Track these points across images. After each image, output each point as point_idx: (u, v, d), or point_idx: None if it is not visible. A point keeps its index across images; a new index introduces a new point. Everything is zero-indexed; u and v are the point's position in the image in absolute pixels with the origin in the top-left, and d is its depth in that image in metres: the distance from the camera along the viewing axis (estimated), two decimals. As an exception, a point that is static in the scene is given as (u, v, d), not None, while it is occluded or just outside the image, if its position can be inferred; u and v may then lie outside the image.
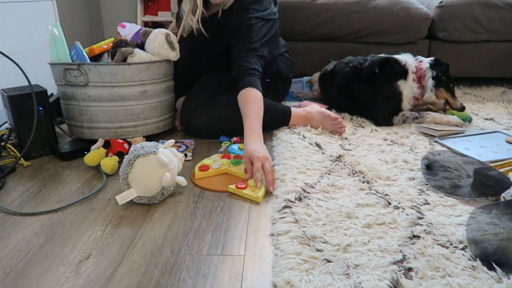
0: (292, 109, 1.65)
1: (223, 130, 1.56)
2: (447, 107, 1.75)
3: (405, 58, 1.74)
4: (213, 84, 1.61)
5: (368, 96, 1.73)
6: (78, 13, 2.70)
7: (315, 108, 1.66)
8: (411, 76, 1.69)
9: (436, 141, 1.49)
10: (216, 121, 1.54)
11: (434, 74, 1.68)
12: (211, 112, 1.53)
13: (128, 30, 1.58)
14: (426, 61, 1.72)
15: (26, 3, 1.73)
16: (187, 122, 1.58)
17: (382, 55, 1.77)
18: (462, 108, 1.71)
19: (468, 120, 1.67)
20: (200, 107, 1.53)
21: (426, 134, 1.56)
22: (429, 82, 1.69)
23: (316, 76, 2.17)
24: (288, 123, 1.63)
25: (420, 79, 1.69)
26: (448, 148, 1.42)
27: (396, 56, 1.74)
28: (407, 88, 1.69)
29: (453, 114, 1.69)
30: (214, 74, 1.67)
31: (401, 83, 1.68)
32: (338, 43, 2.24)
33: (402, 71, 1.69)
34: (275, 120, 1.62)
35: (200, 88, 1.60)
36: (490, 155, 1.34)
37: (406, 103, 1.70)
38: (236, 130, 1.56)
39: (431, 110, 1.77)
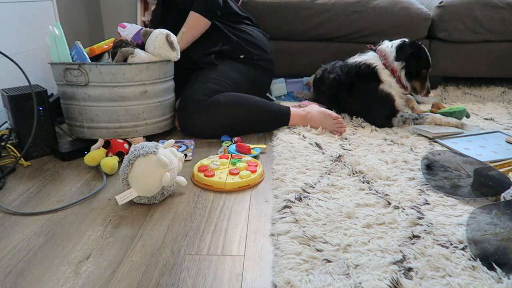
0: (292, 109, 1.65)
1: (222, 130, 1.56)
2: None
3: (372, 59, 1.70)
4: (202, 84, 1.59)
5: (356, 104, 1.73)
6: (78, 13, 2.70)
7: (315, 108, 1.66)
8: (385, 74, 1.67)
9: (436, 141, 1.49)
10: (215, 122, 1.54)
11: (404, 65, 1.65)
12: (209, 113, 1.53)
13: (129, 31, 1.58)
14: (390, 53, 1.68)
15: (26, 3, 1.73)
16: (185, 124, 1.58)
17: (353, 59, 1.75)
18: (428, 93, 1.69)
19: (465, 114, 1.65)
20: (197, 109, 1.53)
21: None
22: (403, 76, 1.66)
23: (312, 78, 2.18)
24: (287, 123, 1.63)
25: (393, 72, 1.67)
26: (448, 148, 1.42)
27: (363, 60, 1.71)
28: (391, 87, 1.67)
29: (450, 113, 1.65)
30: (198, 74, 1.67)
31: (383, 86, 1.67)
32: (338, 43, 2.24)
33: (377, 75, 1.67)
34: (275, 120, 1.62)
35: (191, 90, 1.58)
36: (490, 155, 1.34)
37: (399, 100, 1.68)
38: (236, 130, 1.57)
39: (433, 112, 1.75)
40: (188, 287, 0.80)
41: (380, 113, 1.68)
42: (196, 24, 1.66)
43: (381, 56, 1.70)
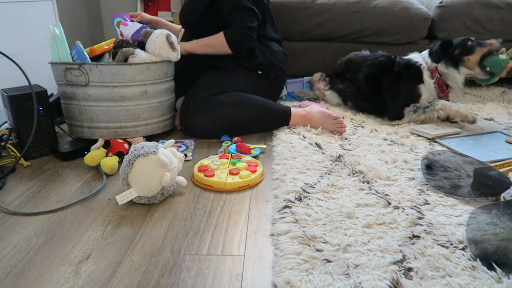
0: (292, 109, 1.65)
1: (223, 130, 1.56)
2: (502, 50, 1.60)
3: (420, 59, 1.73)
4: (211, 84, 1.61)
5: (391, 90, 1.73)
6: (78, 13, 2.70)
7: (315, 108, 1.66)
8: (428, 80, 1.69)
9: (436, 141, 1.48)
10: (216, 122, 1.54)
11: (444, 60, 1.66)
12: (210, 113, 1.53)
13: (130, 29, 1.58)
14: (429, 59, 1.70)
15: (26, 3, 1.73)
16: (186, 123, 1.58)
17: (412, 55, 1.77)
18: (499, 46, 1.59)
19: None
20: (199, 108, 1.53)
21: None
22: (450, 72, 1.66)
23: (316, 76, 2.17)
24: (288, 123, 1.63)
25: (438, 82, 1.69)
26: (448, 148, 1.41)
27: (416, 59, 1.74)
28: (426, 92, 1.69)
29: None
30: (211, 73, 1.67)
31: (421, 86, 1.69)
32: (338, 43, 2.24)
33: (420, 75, 1.70)
34: (275, 120, 1.62)
35: (198, 88, 1.60)
36: (490, 155, 1.34)
37: (425, 98, 1.70)
38: (236, 130, 1.57)
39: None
40: (188, 287, 0.80)
41: (399, 103, 1.70)
42: (218, 47, 1.65)
43: (428, 62, 1.72)
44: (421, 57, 1.75)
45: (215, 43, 1.64)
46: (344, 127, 1.57)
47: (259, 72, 1.72)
